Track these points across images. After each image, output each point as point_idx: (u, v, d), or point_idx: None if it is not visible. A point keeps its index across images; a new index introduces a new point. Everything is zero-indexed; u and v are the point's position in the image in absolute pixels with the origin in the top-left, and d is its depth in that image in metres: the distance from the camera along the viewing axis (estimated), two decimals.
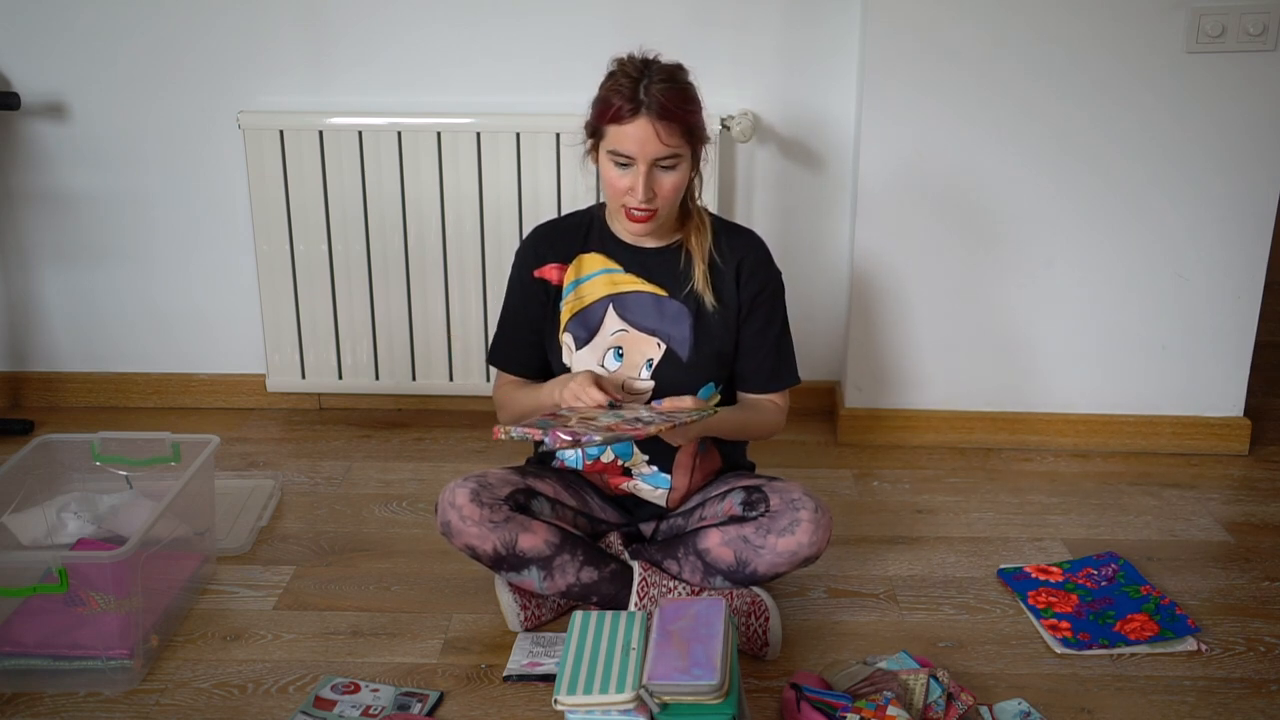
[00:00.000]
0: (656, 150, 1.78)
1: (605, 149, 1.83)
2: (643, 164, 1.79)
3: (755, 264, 1.95)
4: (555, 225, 2.03)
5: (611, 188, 1.85)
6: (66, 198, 2.74)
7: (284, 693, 1.80)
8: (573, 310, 1.95)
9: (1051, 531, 2.30)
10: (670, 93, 1.78)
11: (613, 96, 1.80)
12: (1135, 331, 2.60)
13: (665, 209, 1.86)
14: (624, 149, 1.79)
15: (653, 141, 1.78)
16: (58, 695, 1.78)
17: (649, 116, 1.77)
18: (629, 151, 1.79)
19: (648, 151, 1.78)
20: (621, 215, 1.87)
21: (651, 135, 1.77)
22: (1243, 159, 2.46)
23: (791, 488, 1.89)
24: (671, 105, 1.78)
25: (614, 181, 1.83)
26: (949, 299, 2.61)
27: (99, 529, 2.11)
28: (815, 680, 1.72)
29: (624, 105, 1.78)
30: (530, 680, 1.81)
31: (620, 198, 1.84)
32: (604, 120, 1.81)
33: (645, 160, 1.79)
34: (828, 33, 2.58)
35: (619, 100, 1.78)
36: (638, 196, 1.81)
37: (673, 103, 1.78)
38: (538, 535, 1.86)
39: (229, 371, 2.88)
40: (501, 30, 2.60)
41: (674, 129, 1.78)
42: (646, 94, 1.77)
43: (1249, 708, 1.76)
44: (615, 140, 1.80)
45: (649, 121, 1.77)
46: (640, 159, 1.79)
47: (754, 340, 1.96)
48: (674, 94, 1.79)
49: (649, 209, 1.83)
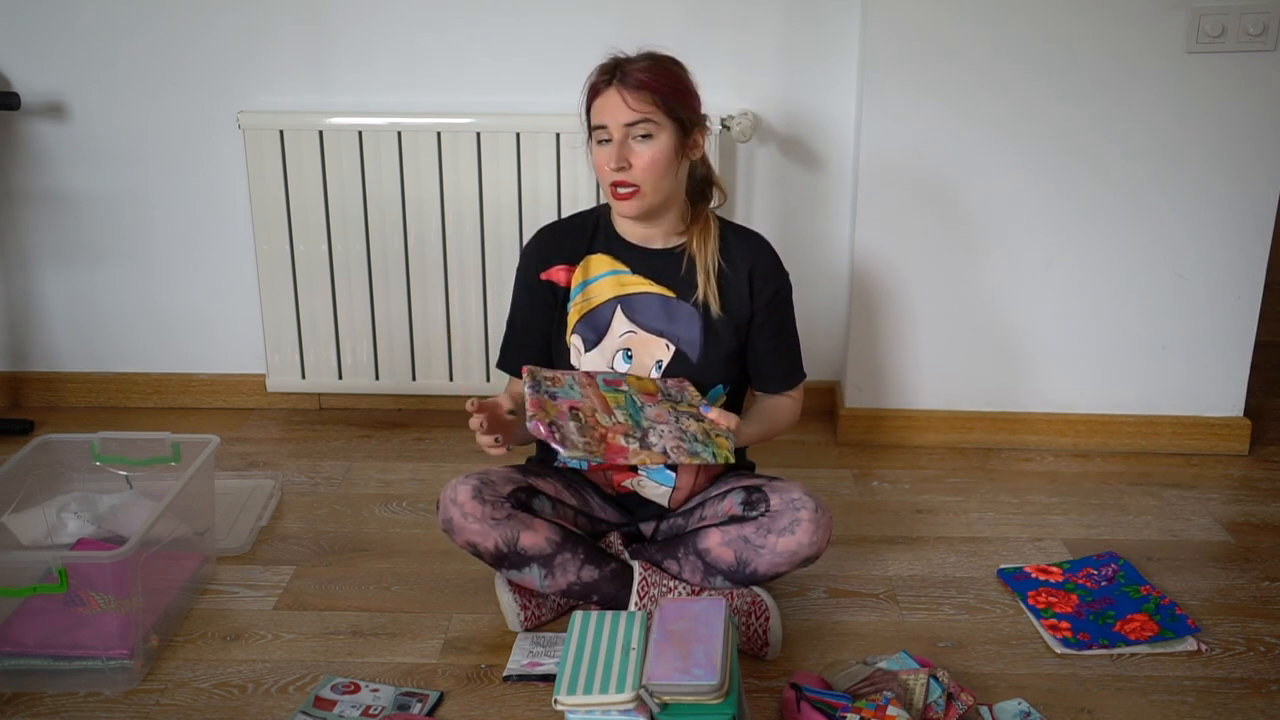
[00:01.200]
0: (625, 115, 1.83)
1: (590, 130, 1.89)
2: (615, 133, 1.84)
3: (767, 270, 1.97)
4: (559, 226, 2.03)
5: (598, 171, 1.89)
6: (66, 198, 2.74)
7: (284, 693, 1.80)
8: (581, 312, 1.95)
9: (1051, 531, 2.30)
10: (646, 67, 1.86)
11: (591, 78, 1.88)
12: (1135, 331, 2.60)
13: (649, 187, 1.86)
14: (599, 120, 1.85)
15: (621, 109, 1.83)
16: (58, 695, 1.78)
17: (618, 86, 1.84)
18: (600, 121, 1.85)
19: (618, 118, 1.83)
20: (611, 198, 1.89)
21: (619, 103, 1.83)
22: (1243, 159, 2.46)
23: (791, 488, 1.89)
24: (644, 76, 1.84)
25: (597, 161, 1.88)
26: (949, 299, 2.61)
27: (99, 529, 2.11)
28: (815, 680, 1.72)
29: (600, 80, 1.86)
30: (530, 680, 1.81)
31: (604, 176, 1.88)
32: (587, 105, 1.88)
33: (617, 128, 1.83)
34: (828, 33, 2.58)
35: (595, 79, 1.87)
36: (611, 164, 1.84)
37: (645, 74, 1.85)
38: (539, 533, 1.86)
39: (229, 371, 2.88)
40: (501, 30, 2.60)
41: (643, 97, 1.83)
42: (621, 70, 1.85)
43: (1249, 708, 1.76)
44: (594, 116, 1.87)
45: (617, 90, 1.84)
46: (613, 127, 1.84)
47: (769, 343, 1.98)
48: (649, 67, 1.86)
49: (630, 184, 1.85)
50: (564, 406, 1.79)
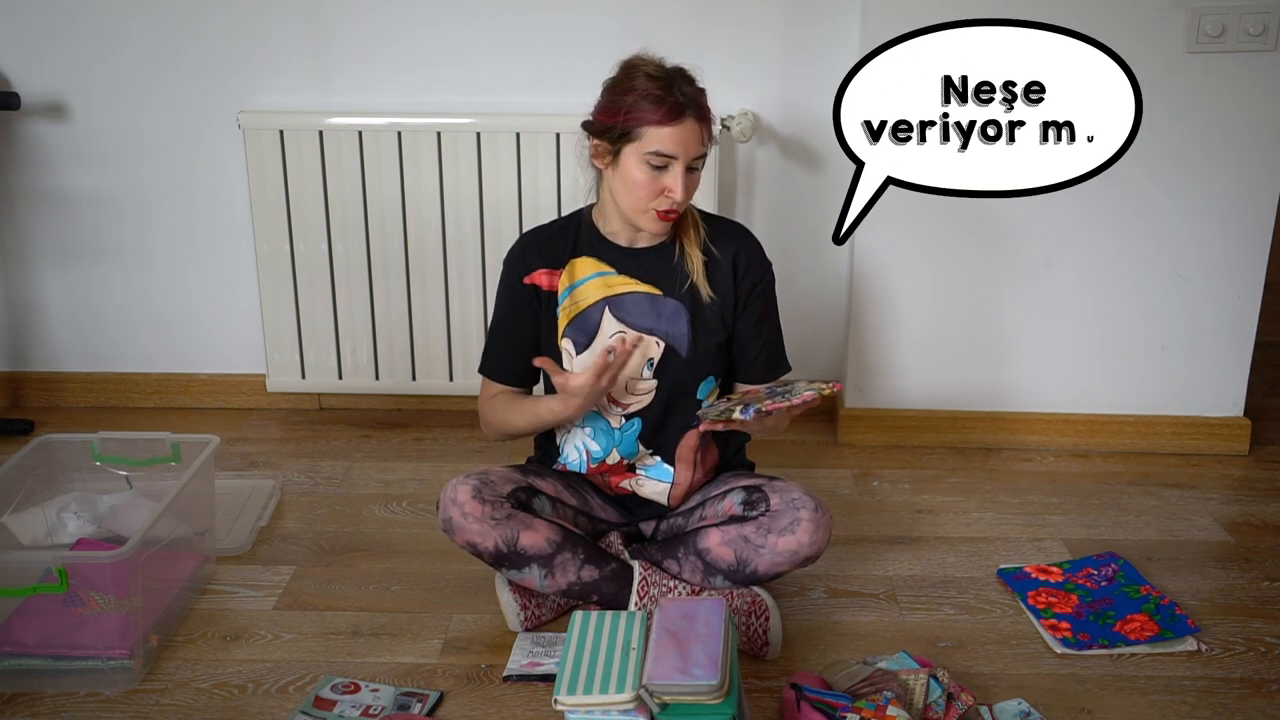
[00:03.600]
0: (698, 150, 1.83)
1: (641, 151, 1.81)
2: (682, 163, 1.82)
3: (751, 257, 1.97)
4: (541, 231, 2.03)
5: (643, 190, 1.84)
6: (66, 198, 2.74)
7: (284, 693, 1.80)
8: (570, 316, 1.95)
9: (1051, 531, 2.30)
10: (701, 95, 1.85)
11: (648, 100, 1.80)
12: (1135, 331, 2.60)
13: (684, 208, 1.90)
14: (668, 149, 1.80)
15: (695, 142, 1.82)
16: (58, 695, 1.78)
17: (693, 117, 1.81)
18: (672, 152, 1.81)
19: (690, 151, 1.82)
20: (648, 219, 1.87)
21: (695, 135, 1.82)
22: (1243, 159, 2.46)
23: (791, 487, 1.89)
24: (705, 106, 1.84)
25: (647, 184, 1.83)
26: (949, 299, 2.61)
27: (99, 529, 2.11)
28: (815, 680, 1.72)
29: (667, 109, 1.79)
30: (530, 680, 1.81)
31: (652, 200, 1.84)
32: (641, 123, 1.80)
33: (686, 160, 1.82)
34: (828, 32, 2.58)
35: (660, 104, 1.79)
36: (677, 197, 1.83)
37: (704, 103, 1.85)
38: (539, 533, 1.86)
39: (229, 371, 2.88)
40: (501, 30, 2.60)
41: (708, 130, 1.85)
42: (684, 95, 1.81)
43: (1249, 708, 1.76)
44: (657, 142, 1.80)
45: (694, 123, 1.82)
46: (682, 159, 1.81)
47: (751, 332, 1.97)
48: (703, 96, 1.85)
49: (677, 209, 1.86)
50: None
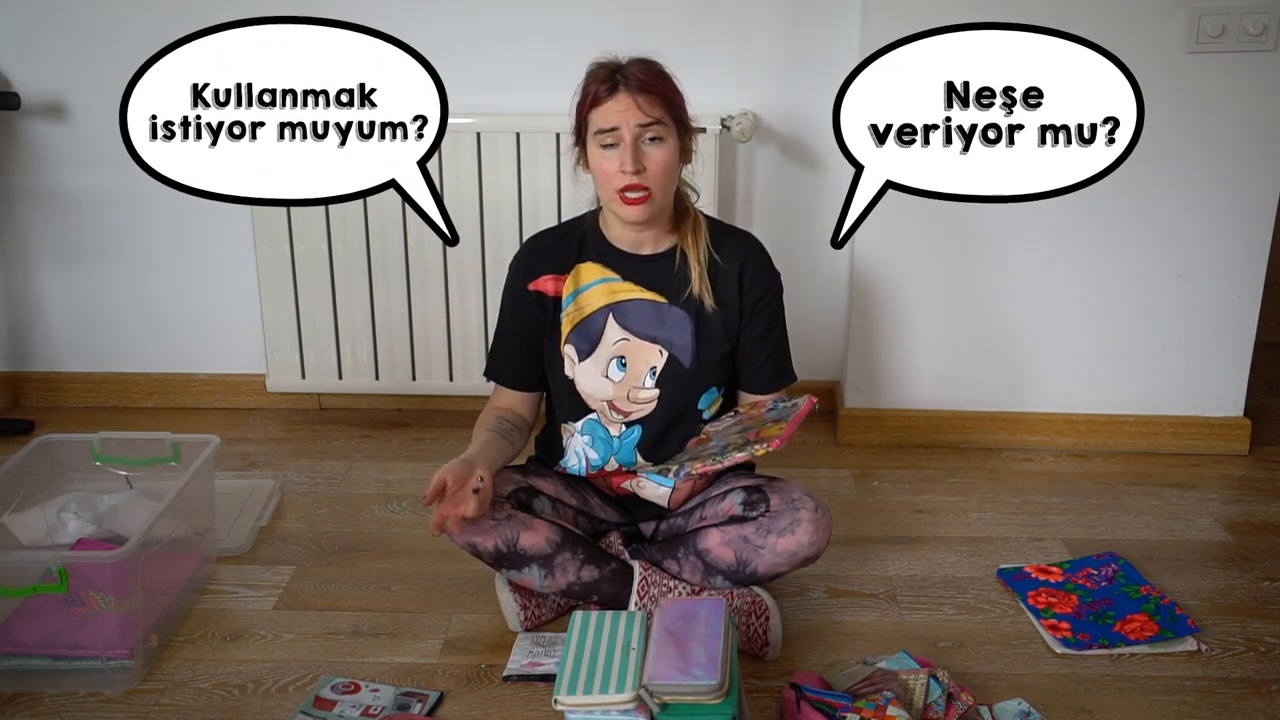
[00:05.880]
0: (638, 117, 1.81)
1: (591, 136, 1.85)
2: (628, 135, 1.81)
3: (758, 267, 1.96)
4: (547, 236, 2.03)
5: (603, 175, 1.85)
6: (66, 198, 2.74)
7: (284, 693, 1.80)
8: (573, 322, 1.95)
9: (1051, 531, 2.30)
10: (647, 70, 1.84)
11: (590, 84, 1.85)
12: (1135, 331, 2.60)
13: (659, 191, 1.86)
14: (607, 124, 1.82)
15: (634, 111, 1.81)
16: (58, 695, 1.78)
17: (628, 90, 1.82)
18: (612, 124, 1.82)
19: (631, 119, 1.81)
20: (618, 204, 1.86)
21: (632, 106, 1.81)
22: (1243, 159, 2.46)
23: (791, 487, 1.89)
24: (649, 79, 1.83)
25: (604, 167, 1.84)
26: (949, 299, 2.61)
27: (99, 529, 2.11)
28: (815, 680, 1.72)
29: (602, 86, 1.83)
30: (530, 680, 1.81)
31: (612, 182, 1.84)
32: (585, 109, 1.85)
33: (630, 130, 1.81)
34: (828, 32, 2.58)
35: (596, 84, 1.84)
36: (626, 167, 1.82)
37: (650, 77, 1.84)
38: (539, 533, 1.86)
39: (229, 371, 2.88)
40: (501, 30, 2.60)
41: (654, 100, 1.83)
42: (623, 74, 1.83)
43: (1249, 708, 1.76)
44: (599, 120, 1.83)
45: (628, 94, 1.82)
46: (625, 129, 1.81)
47: (757, 343, 1.97)
48: (650, 70, 1.85)
49: (643, 187, 1.83)
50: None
